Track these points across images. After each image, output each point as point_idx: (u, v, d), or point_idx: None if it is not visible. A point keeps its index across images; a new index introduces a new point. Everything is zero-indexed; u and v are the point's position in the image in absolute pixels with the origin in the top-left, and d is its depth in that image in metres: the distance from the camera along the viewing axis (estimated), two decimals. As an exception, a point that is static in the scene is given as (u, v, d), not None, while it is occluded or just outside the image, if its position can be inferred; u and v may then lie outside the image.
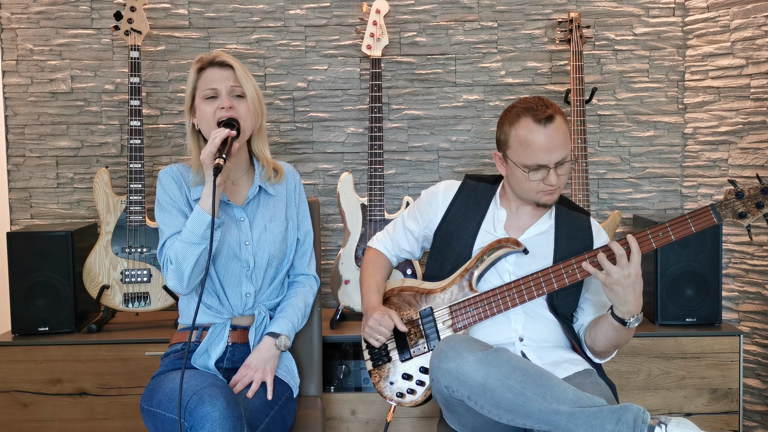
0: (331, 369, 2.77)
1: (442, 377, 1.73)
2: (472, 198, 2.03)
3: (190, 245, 1.84)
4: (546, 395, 1.64)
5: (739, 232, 2.97)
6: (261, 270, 2.00)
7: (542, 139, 1.84)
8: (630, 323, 1.80)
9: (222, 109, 1.91)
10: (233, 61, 1.96)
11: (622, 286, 1.75)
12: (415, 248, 2.15)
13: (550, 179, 1.87)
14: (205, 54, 1.99)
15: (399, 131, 3.15)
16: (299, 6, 3.10)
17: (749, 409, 2.94)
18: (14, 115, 3.11)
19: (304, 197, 2.14)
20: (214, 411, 1.63)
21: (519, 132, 1.87)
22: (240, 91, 1.95)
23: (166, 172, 1.98)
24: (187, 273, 1.85)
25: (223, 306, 1.98)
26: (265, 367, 1.92)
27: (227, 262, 1.96)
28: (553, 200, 1.93)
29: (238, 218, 1.99)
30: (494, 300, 1.91)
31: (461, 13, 3.12)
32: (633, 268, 1.75)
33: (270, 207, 2.04)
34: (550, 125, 1.84)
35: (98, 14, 3.09)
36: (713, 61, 3.01)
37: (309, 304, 2.11)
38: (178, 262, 1.85)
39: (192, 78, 1.97)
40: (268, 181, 2.03)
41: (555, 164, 1.86)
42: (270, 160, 2.05)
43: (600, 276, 1.78)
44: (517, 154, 1.88)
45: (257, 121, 1.99)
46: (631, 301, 1.77)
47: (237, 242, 1.96)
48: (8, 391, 2.66)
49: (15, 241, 2.68)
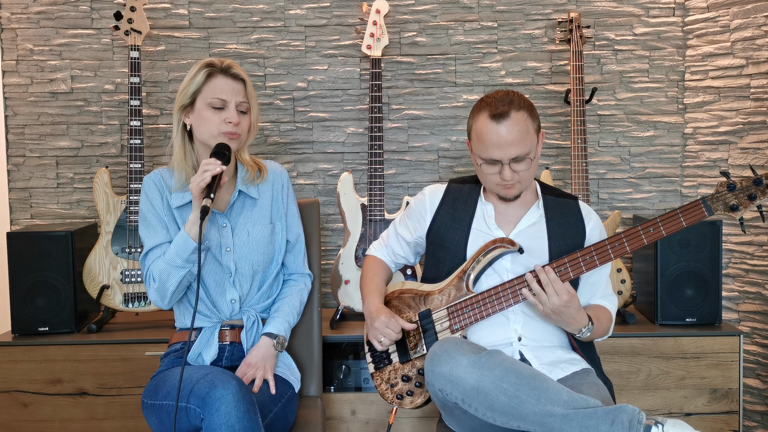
0: (331, 369, 2.78)
1: (436, 380, 1.73)
2: (458, 200, 2.04)
3: (174, 268, 1.86)
4: (540, 397, 1.64)
5: (739, 231, 2.97)
6: (244, 276, 1.99)
7: (494, 136, 1.84)
8: (582, 334, 1.88)
9: (229, 123, 1.91)
10: (245, 75, 1.97)
11: (557, 314, 1.84)
12: (409, 254, 2.17)
13: (504, 174, 1.87)
14: (217, 59, 1.97)
15: (399, 131, 3.15)
16: (299, 6, 3.10)
17: (749, 409, 2.94)
18: (14, 115, 3.11)
19: (293, 198, 2.12)
20: (228, 393, 1.64)
21: (477, 125, 1.89)
22: (246, 107, 1.96)
23: (150, 178, 1.98)
24: (170, 292, 1.89)
25: (211, 311, 1.99)
26: (265, 365, 1.93)
27: (211, 269, 1.97)
28: (511, 194, 1.93)
29: (221, 224, 1.98)
30: (490, 300, 1.91)
31: (461, 13, 3.12)
32: (555, 298, 1.81)
33: (253, 211, 2.03)
34: (504, 122, 1.84)
35: (98, 14, 3.09)
36: (713, 61, 3.01)
37: (303, 302, 2.12)
38: (161, 281, 1.88)
39: (198, 79, 1.93)
40: (251, 183, 2.03)
41: (510, 160, 1.86)
42: (248, 159, 2.04)
43: (538, 307, 1.86)
44: (476, 146, 1.91)
45: (252, 136, 2.01)
46: (572, 322, 1.86)
47: (219, 248, 1.97)
48: (8, 391, 2.66)
49: (15, 241, 2.69)
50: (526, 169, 1.89)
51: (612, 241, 1.85)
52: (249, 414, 1.65)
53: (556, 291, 1.81)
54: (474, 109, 1.93)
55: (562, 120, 3.14)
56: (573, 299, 1.82)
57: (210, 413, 1.64)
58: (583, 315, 1.87)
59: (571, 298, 1.82)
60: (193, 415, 1.69)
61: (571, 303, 1.82)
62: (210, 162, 1.82)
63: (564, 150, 3.13)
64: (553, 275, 1.83)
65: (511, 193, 1.93)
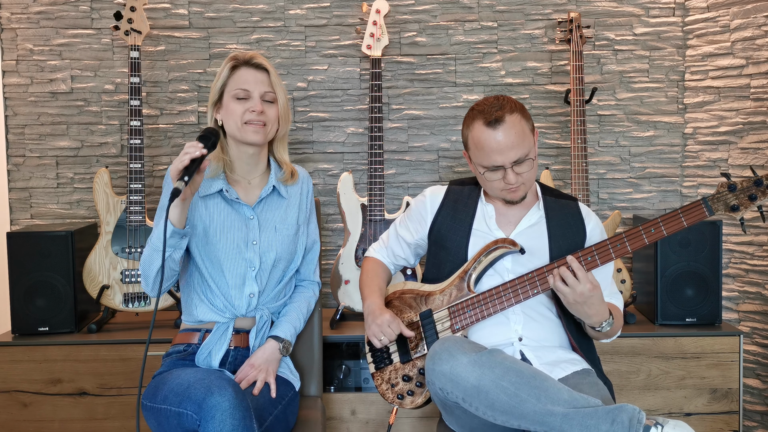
0: (331, 369, 2.78)
1: (436, 379, 1.73)
2: (459, 201, 2.05)
3: (155, 251, 1.85)
4: (540, 396, 1.64)
5: (739, 231, 2.97)
6: (266, 271, 2.00)
7: (493, 142, 1.85)
8: (603, 328, 1.88)
9: (252, 111, 1.91)
10: (269, 65, 1.97)
11: (579, 303, 1.82)
12: (409, 255, 2.17)
13: (508, 178, 1.89)
14: (240, 53, 1.98)
15: (399, 131, 3.15)
16: (299, 6, 3.10)
17: (749, 409, 2.94)
18: (14, 115, 3.11)
19: (314, 205, 2.16)
20: (224, 401, 1.63)
21: (473, 134, 1.90)
22: (272, 96, 1.96)
23: None
24: (151, 278, 1.88)
25: (227, 305, 1.98)
26: (268, 367, 1.93)
27: (233, 262, 1.96)
28: (517, 197, 1.95)
29: (248, 217, 1.99)
30: (491, 300, 1.91)
31: (461, 13, 3.12)
32: (582, 286, 1.80)
33: (282, 209, 2.04)
34: (501, 126, 1.85)
35: (98, 14, 3.09)
36: (713, 61, 3.01)
37: (311, 309, 2.14)
38: (145, 266, 1.89)
39: (224, 74, 1.95)
40: (282, 182, 2.04)
41: (512, 164, 1.87)
42: (289, 163, 2.07)
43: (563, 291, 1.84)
44: (475, 155, 1.92)
45: (284, 127, 2.01)
46: (593, 314, 1.84)
47: (244, 242, 1.96)
48: (8, 391, 2.66)
49: (15, 241, 2.69)
50: (529, 170, 1.90)
51: (613, 240, 1.86)
52: (245, 422, 1.64)
53: (580, 279, 1.81)
54: (466, 119, 1.94)
55: (562, 120, 3.14)
56: (596, 289, 1.82)
57: (205, 420, 1.63)
58: (605, 308, 1.87)
59: (594, 287, 1.81)
60: (189, 420, 1.68)
61: (595, 293, 1.81)
62: (192, 144, 1.76)
63: (564, 150, 3.13)
64: (577, 264, 1.82)
65: (517, 195, 1.94)
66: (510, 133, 1.85)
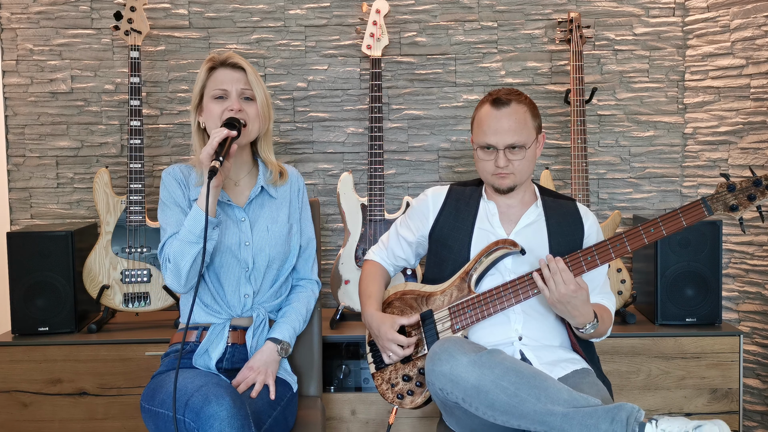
0: (331, 369, 2.77)
1: (436, 380, 1.74)
2: (461, 200, 2.07)
3: (187, 244, 1.84)
4: (540, 396, 1.64)
5: (739, 231, 2.97)
6: (260, 271, 2.00)
7: (493, 120, 1.93)
8: (586, 330, 1.88)
9: (231, 111, 1.92)
10: (245, 63, 1.97)
11: (562, 303, 1.83)
12: (410, 255, 2.17)
13: (498, 160, 1.93)
14: (217, 54, 1.99)
15: (399, 131, 3.15)
16: (299, 6, 3.10)
17: (749, 409, 2.94)
18: (14, 115, 3.11)
19: (306, 202, 2.15)
20: (222, 410, 1.63)
21: (479, 113, 2.00)
22: (250, 94, 1.96)
23: (168, 172, 1.99)
24: (184, 272, 1.86)
25: (222, 306, 1.98)
26: (267, 370, 1.93)
27: (226, 263, 1.96)
28: (505, 185, 1.97)
29: (239, 218, 1.99)
30: (491, 300, 1.91)
31: (461, 13, 3.12)
32: (564, 287, 1.81)
33: (272, 209, 2.04)
34: (503, 108, 1.93)
35: (98, 14, 3.09)
36: (713, 61, 3.01)
37: (310, 309, 2.13)
38: (175, 260, 1.86)
39: (202, 76, 1.97)
40: (272, 184, 2.04)
41: (505, 147, 1.92)
42: (275, 163, 2.06)
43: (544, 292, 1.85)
44: (475, 133, 2.00)
45: (264, 125, 2.01)
46: (576, 315, 1.85)
47: (237, 243, 1.96)
48: (8, 391, 2.66)
49: (15, 241, 2.69)
50: (521, 159, 1.93)
51: (613, 240, 1.86)
52: (243, 430, 1.64)
53: (564, 280, 1.82)
54: (480, 101, 2.02)
55: (562, 120, 3.14)
56: (580, 291, 1.82)
57: (203, 430, 1.63)
58: (590, 310, 1.87)
59: (578, 288, 1.82)
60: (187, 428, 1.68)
61: (578, 294, 1.82)
62: (219, 130, 1.84)
63: (564, 150, 3.13)
64: (563, 265, 1.83)
65: (505, 183, 1.96)
66: (511, 117, 1.92)
